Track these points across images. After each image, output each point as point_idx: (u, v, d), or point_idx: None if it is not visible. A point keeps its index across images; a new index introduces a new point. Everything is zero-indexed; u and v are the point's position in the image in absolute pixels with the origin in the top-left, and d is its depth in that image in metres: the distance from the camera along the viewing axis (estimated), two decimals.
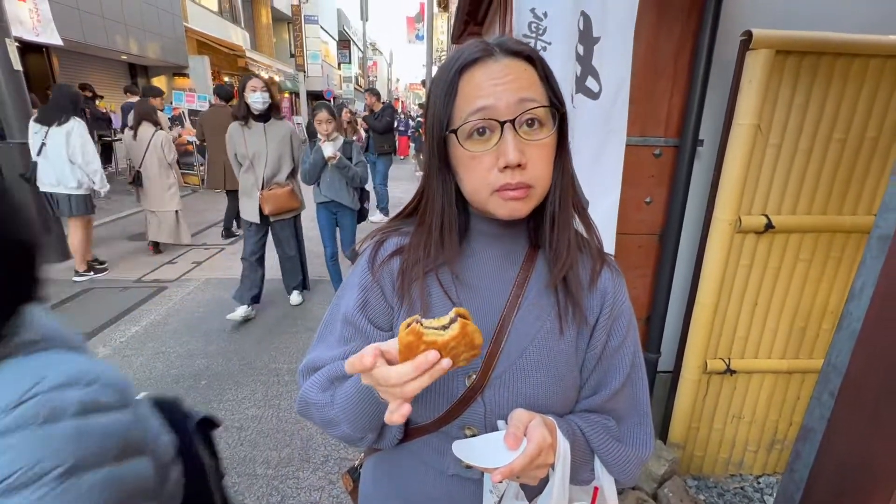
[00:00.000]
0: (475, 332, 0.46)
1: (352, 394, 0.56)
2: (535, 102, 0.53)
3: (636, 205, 1.70)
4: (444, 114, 0.55)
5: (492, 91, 0.52)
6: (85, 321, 3.29)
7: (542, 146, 0.54)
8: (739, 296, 1.70)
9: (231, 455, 2.05)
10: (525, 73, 0.54)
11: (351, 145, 3.21)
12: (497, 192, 0.53)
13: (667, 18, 1.53)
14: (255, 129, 3.04)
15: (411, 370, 0.44)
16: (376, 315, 0.62)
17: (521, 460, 0.49)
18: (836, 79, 1.47)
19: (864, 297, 0.86)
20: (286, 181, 3.19)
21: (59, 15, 6.70)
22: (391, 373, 0.45)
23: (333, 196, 3.22)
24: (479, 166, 0.54)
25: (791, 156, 1.54)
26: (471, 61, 0.54)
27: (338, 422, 0.58)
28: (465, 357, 0.47)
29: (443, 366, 0.44)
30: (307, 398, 0.61)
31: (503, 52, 0.54)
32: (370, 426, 0.58)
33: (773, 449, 1.91)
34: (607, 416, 0.63)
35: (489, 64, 0.54)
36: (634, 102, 1.51)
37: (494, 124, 0.52)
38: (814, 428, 0.97)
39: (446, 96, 0.55)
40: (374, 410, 0.55)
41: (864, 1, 1.52)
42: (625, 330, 0.62)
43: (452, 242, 0.59)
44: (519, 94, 0.52)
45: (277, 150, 3.09)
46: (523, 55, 0.55)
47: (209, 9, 13.26)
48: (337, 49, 25.40)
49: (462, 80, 0.54)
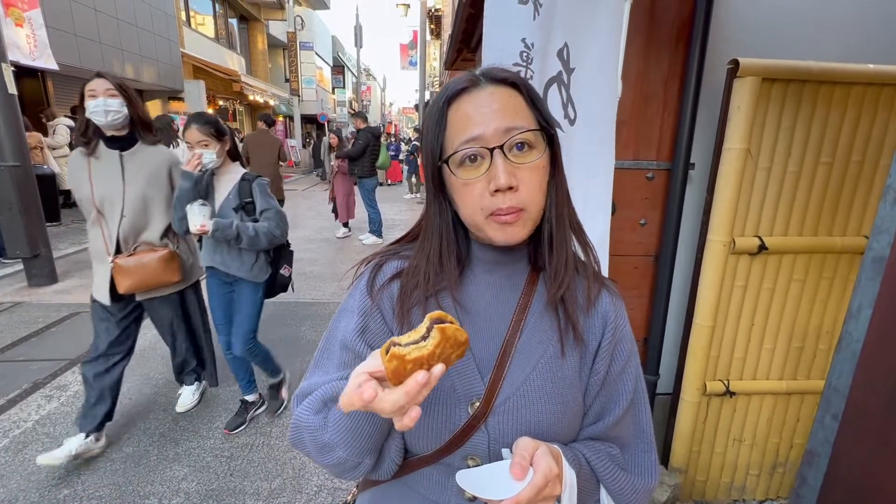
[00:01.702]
0: (456, 331, 0.45)
1: (345, 413, 0.53)
2: (523, 127, 0.54)
3: (631, 226, 1.72)
4: (435, 144, 0.57)
5: (479, 119, 0.54)
6: (72, 346, 3.20)
7: (532, 168, 0.54)
8: (736, 317, 1.70)
9: (220, 486, 1.97)
10: (511, 100, 0.55)
11: (252, 184, 2.05)
12: (491, 217, 0.54)
13: (656, 47, 1.58)
14: (106, 161, 1.93)
15: (403, 397, 0.43)
16: (376, 340, 0.61)
17: (528, 491, 0.48)
18: (819, 105, 1.52)
19: (862, 318, 0.86)
20: (160, 241, 2.07)
21: (57, 40, 6.78)
22: (385, 405, 0.44)
23: (219, 263, 2.10)
24: (472, 192, 0.55)
25: (781, 179, 1.58)
26: (457, 91, 0.56)
27: (332, 446, 0.55)
28: (457, 355, 0.47)
29: (436, 374, 0.44)
30: (299, 422, 0.59)
31: (488, 81, 0.56)
32: (367, 448, 0.56)
33: (774, 472, 1.88)
34: (611, 444, 0.62)
35: (475, 93, 0.55)
36: (627, 127, 1.55)
37: (484, 151, 0.53)
38: (818, 452, 0.96)
39: (437, 127, 0.56)
40: (372, 430, 0.54)
41: (844, 31, 1.59)
42: (626, 355, 0.62)
43: (451, 268, 0.60)
44: (505, 120, 0.53)
45: (142, 192, 1.96)
46: (508, 82, 0.56)
47: (206, 35, 13.50)
48: (331, 74, 25.88)
49: (450, 111, 0.56)
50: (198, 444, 2.23)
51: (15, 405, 2.52)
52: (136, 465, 2.08)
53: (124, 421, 2.39)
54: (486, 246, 0.61)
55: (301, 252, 5.88)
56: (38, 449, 2.17)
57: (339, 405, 0.46)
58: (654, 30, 1.56)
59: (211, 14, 13.97)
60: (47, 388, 2.70)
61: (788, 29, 1.58)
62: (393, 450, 0.59)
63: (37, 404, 2.54)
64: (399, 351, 0.43)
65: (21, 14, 5.55)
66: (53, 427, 2.34)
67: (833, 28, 1.58)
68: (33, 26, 6.06)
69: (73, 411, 2.47)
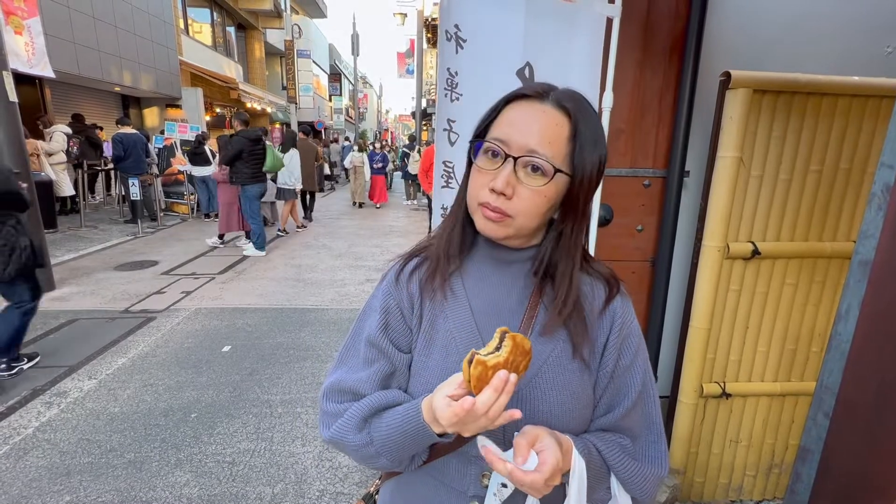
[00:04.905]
0: (523, 339, 0.52)
1: (394, 433, 0.59)
2: (544, 157, 0.56)
3: (629, 232, 1.77)
4: (482, 125, 0.62)
5: (518, 128, 0.58)
6: (70, 353, 3.20)
7: (534, 191, 0.57)
8: (731, 320, 1.75)
9: (222, 491, 1.98)
10: (555, 128, 0.57)
11: None
12: (480, 206, 0.60)
13: (651, 59, 1.64)
14: None
15: (492, 394, 0.49)
16: (397, 337, 0.66)
17: (530, 475, 0.52)
18: (808, 115, 1.58)
19: (850, 319, 0.91)
20: None
21: (56, 48, 6.81)
22: (479, 406, 0.50)
23: None
24: (479, 179, 0.60)
25: (773, 186, 1.63)
26: (523, 95, 0.60)
27: (377, 456, 0.62)
28: (524, 365, 0.53)
29: (512, 381, 0.50)
30: (341, 441, 0.63)
31: (551, 100, 0.58)
32: (409, 456, 0.62)
33: (771, 473, 1.91)
34: (622, 435, 0.65)
35: (534, 103, 0.59)
36: (624, 136, 1.60)
37: (503, 155, 0.58)
38: (811, 449, 0.99)
39: (492, 113, 0.62)
40: (419, 445, 0.60)
41: (831, 45, 1.65)
42: (634, 349, 0.65)
43: (454, 239, 0.65)
44: (535, 142, 0.56)
45: None
46: (566, 110, 0.58)
47: (203, 43, 13.56)
48: (328, 82, 26.01)
49: (507, 107, 0.61)
50: (199, 450, 2.23)
51: (15, 412, 2.52)
52: (138, 470, 2.09)
53: (125, 427, 2.40)
54: (497, 245, 0.65)
55: (300, 258, 5.90)
56: (38, 455, 2.17)
57: (446, 427, 0.53)
58: (648, 43, 1.62)
59: (209, 22, 14.05)
60: (47, 394, 2.69)
61: (778, 43, 1.64)
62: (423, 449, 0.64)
63: (37, 411, 2.53)
64: (482, 357, 0.50)
65: (21, 22, 5.58)
66: (54, 433, 2.33)
67: (821, 42, 1.64)
68: (32, 34, 6.08)
69: (74, 418, 2.47)
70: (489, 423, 0.51)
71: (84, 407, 2.57)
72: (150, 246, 6.26)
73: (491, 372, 0.50)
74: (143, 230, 6.98)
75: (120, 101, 10.87)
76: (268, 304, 4.24)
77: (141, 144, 7.24)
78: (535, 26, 1.38)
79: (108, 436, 2.32)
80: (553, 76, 1.41)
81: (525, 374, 0.55)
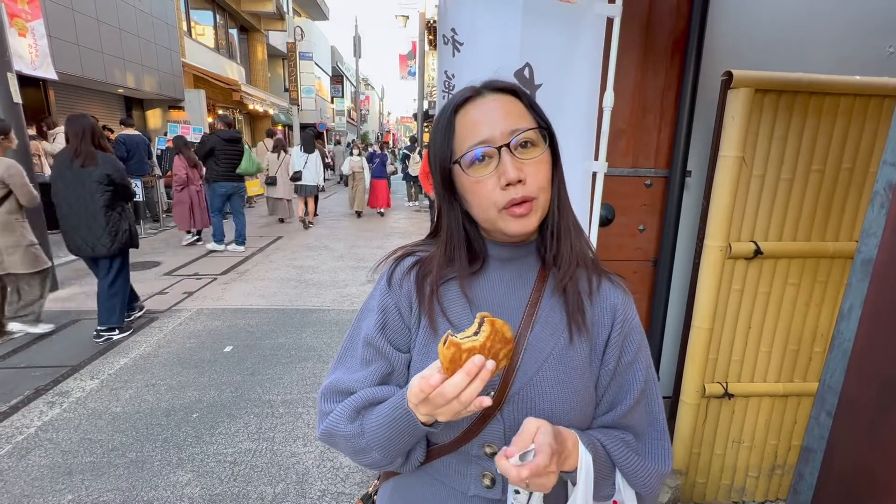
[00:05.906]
0: (503, 325, 0.51)
1: (384, 423, 0.58)
2: (525, 127, 0.59)
3: (631, 232, 1.76)
4: (446, 149, 0.62)
5: (487, 123, 0.59)
6: (72, 353, 3.21)
7: (537, 162, 0.59)
8: (733, 320, 1.74)
9: (224, 491, 1.98)
10: (513, 105, 0.61)
11: None
12: (505, 211, 0.59)
13: (652, 59, 1.64)
14: None
15: (464, 377, 0.48)
16: (395, 337, 0.65)
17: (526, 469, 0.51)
18: (810, 115, 1.57)
19: (852, 318, 0.90)
20: None
21: (60, 50, 6.84)
22: (447, 388, 0.49)
23: None
24: (483, 189, 0.59)
25: (774, 186, 1.63)
26: (463, 101, 0.62)
27: (368, 450, 0.60)
28: (504, 353, 0.52)
29: (488, 367, 0.49)
30: (334, 430, 0.63)
31: (490, 90, 0.62)
32: (401, 451, 0.61)
33: (773, 474, 1.91)
34: (626, 432, 0.65)
35: (479, 101, 0.61)
36: (626, 136, 1.60)
37: (493, 151, 0.58)
38: (814, 448, 0.99)
39: (446, 134, 0.62)
40: (408, 436, 0.58)
41: (832, 45, 1.65)
42: (636, 346, 0.65)
43: (462, 261, 0.65)
44: (510, 123, 0.59)
45: None
46: (508, 90, 0.62)
47: (206, 45, 13.61)
48: (330, 84, 26.07)
49: (457, 118, 0.61)
50: (201, 450, 2.24)
51: (17, 411, 2.53)
52: (140, 470, 2.09)
53: (127, 427, 2.40)
54: (497, 243, 0.66)
55: (302, 260, 5.91)
56: (41, 455, 2.17)
57: (409, 404, 0.53)
58: (650, 43, 1.62)
59: (211, 24, 14.10)
60: (49, 394, 2.70)
61: (780, 42, 1.64)
62: (419, 446, 0.63)
63: (39, 410, 2.54)
64: (456, 339, 0.49)
65: (24, 24, 5.62)
66: (56, 433, 2.34)
67: (822, 42, 1.64)
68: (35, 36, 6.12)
69: (76, 417, 2.47)
70: (461, 407, 0.50)
71: (86, 406, 2.58)
72: (152, 247, 6.28)
73: (465, 355, 0.48)
74: (146, 231, 6.99)
75: (123, 102, 10.92)
76: (269, 304, 4.25)
77: (143, 146, 7.26)
78: (534, 27, 1.38)
79: (109, 435, 2.33)
80: (554, 76, 1.43)
81: (508, 363, 0.53)
